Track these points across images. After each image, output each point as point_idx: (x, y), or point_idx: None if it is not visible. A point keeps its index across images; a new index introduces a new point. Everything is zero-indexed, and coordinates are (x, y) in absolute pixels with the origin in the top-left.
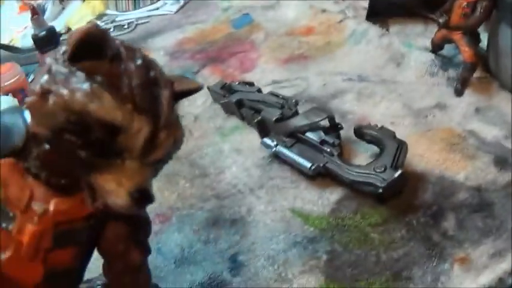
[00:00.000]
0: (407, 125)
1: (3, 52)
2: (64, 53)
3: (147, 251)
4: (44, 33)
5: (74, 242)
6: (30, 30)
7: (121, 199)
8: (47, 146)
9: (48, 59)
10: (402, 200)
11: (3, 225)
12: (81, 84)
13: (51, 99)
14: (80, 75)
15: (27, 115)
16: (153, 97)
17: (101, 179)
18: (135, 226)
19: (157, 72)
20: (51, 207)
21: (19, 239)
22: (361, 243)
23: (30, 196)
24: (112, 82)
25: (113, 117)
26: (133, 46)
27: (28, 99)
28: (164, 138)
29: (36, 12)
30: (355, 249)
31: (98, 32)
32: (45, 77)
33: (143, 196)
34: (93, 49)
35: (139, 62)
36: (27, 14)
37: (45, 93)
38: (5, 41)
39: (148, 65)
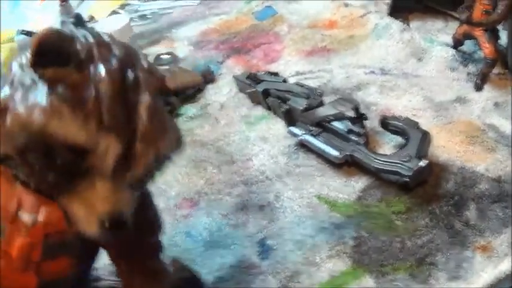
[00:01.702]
0: (429, 117)
1: (28, 39)
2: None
3: None
4: (71, 20)
5: (66, 253)
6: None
7: (91, 228)
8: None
9: (14, 65)
10: (425, 189)
11: None
12: (40, 98)
13: (9, 118)
14: (42, 85)
15: None
16: (129, 106)
17: (71, 204)
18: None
19: (138, 71)
20: (41, 217)
21: (8, 251)
22: (386, 230)
23: (18, 205)
24: (76, 94)
25: (75, 138)
26: (113, 41)
27: None
28: (142, 153)
29: None
30: (381, 236)
31: (55, 38)
32: (6, 89)
33: (117, 221)
34: (57, 55)
35: (114, 62)
36: (48, 4)
37: (4, 110)
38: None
39: (127, 63)
